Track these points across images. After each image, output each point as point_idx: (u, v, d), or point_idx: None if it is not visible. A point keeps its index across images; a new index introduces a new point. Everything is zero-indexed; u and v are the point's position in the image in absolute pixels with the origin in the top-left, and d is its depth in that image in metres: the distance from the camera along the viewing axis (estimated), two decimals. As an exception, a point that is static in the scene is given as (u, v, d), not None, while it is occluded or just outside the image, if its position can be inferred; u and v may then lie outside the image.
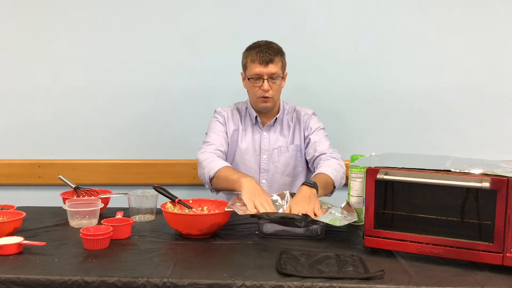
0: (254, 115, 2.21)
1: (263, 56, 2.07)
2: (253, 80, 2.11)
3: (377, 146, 2.48)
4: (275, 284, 1.30)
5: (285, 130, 2.24)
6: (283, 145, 2.22)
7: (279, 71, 2.10)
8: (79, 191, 2.08)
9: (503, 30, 2.55)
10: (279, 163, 2.21)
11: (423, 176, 1.46)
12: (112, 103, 2.61)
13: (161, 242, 1.65)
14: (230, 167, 2.05)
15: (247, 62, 2.13)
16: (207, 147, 2.15)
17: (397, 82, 2.59)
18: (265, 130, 2.23)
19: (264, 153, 2.21)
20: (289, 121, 2.25)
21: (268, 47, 2.10)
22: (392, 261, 1.48)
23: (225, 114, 2.24)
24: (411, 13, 2.55)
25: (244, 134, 2.23)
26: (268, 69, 2.08)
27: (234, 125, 2.23)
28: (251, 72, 2.10)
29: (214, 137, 2.18)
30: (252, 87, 2.13)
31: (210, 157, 2.09)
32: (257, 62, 2.08)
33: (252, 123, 2.24)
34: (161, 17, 2.57)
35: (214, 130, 2.21)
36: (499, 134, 2.59)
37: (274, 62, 2.08)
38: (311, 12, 2.57)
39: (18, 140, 2.63)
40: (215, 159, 2.07)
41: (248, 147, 2.21)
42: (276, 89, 2.12)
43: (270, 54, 2.08)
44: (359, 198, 1.89)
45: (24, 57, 2.59)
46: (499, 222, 1.38)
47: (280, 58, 2.12)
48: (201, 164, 2.10)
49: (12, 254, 1.50)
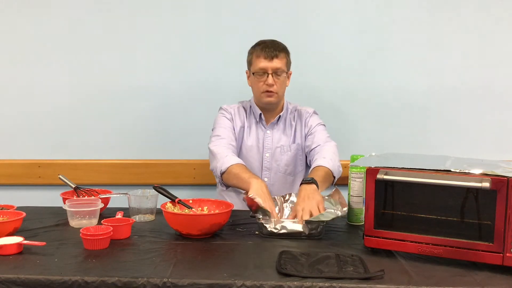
0: (258, 113, 2.21)
1: (268, 51, 2.09)
2: (258, 75, 2.11)
3: (377, 146, 2.49)
4: (275, 284, 1.30)
5: (287, 129, 2.24)
6: (285, 144, 2.22)
7: (283, 66, 2.11)
8: (79, 191, 2.08)
9: (503, 30, 2.55)
10: (281, 162, 2.21)
11: (423, 176, 1.46)
12: (112, 103, 2.61)
13: (161, 242, 1.65)
14: (243, 165, 2.03)
15: (252, 58, 2.14)
16: (219, 141, 2.13)
17: (397, 82, 2.59)
18: (269, 128, 2.23)
19: (267, 151, 2.21)
20: (291, 120, 2.25)
21: (274, 44, 2.13)
22: (392, 261, 1.48)
23: (231, 111, 2.24)
24: (412, 13, 2.56)
25: (249, 131, 2.23)
26: (273, 63, 2.08)
27: (241, 122, 2.23)
28: (256, 67, 2.11)
29: (224, 131, 2.17)
30: (256, 81, 2.13)
31: (224, 151, 2.07)
32: (262, 57, 2.09)
33: (256, 120, 2.24)
34: (161, 17, 2.57)
35: (223, 125, 2.19)
36: (499, 134, 2.60)
37: (279, 57, 2.10)
38: (311, 12, 2.57)
39: (18, 140, 2.63)
40: (229, 154, 2.06)
41: (252, 144, 2.22)
42: (280, 84, 2.13)
43: (275, 49, 2.10)
44: (359, 198, 1.89)
45: (24, 57, 2.58)
46: (499, 222, 1.38)
47: (285, 55, 2.13)
48: (215, 156, 2.07)
49: (12, 254, 1.50)
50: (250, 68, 2.16)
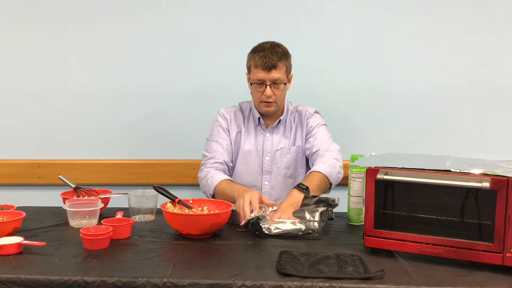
0: (257, 116, 2.19)
1: (266, 62, 2.03)
2: (256, 85, 2.08)
3: (377, 146, 2.48)
4: (275, 284, 1.30)
5: (287, 131, 2.21)
6: (285, 147, 2.19)
7: (282, 76, 2.07)
8: (79, 191, 2.08)
9: (503, 30, 2.55)
10: (281, 165, 2.19)
11: (423, 176, 1.46)
12: (112, 103, 2.61)
13: (161, 242, 1.65)
14: (226, 181, 2.04)
15: (250, 65, 2.09)
16: (206, 162, 2.15)
17: (397, 82, 2.59)
18: (268, 131, 2.20)
19: (266, 155, 2.19)
20: (292, 122, 2.22)
21: (272, 52, 2.05)
22: (392, 261, 1.48)
23: (227, 117, 2.22)
24: (412, 13, 2.55)
25: (247, 135, 2.21)
26: (271, 75, 2.04)
27: (237, 127, 2.21)
28: (254, 77, 2.08)
29: (213, 146, 2.17)
30: (255, 91, 2.11)
31: (208, 173, 2.09)
32: (260, 68, 2.04)
33: (255, 124, 2.21)
34: (162, 17, 2.56)
35: (214, 138, 2.19)
36: (499, 134, 2.59)
37: (277, 68, 2.04)
38: (311, 12, 2.56)
39: (18, 140, 2.63)
40: (213, 175, 2.07)
41: (251, 149, 2.19)
42: (279, 94, 2.09)
43: (274, 59, 2.03)
44: (359, 198, 1.89)
45: (24, 57, 2.58)
46: (499, 222, 1.38)
47: (284, 63, 2.08)
48: (201, 183, 2.12)
49: (12, 254, 1.50)
50: (249, 75, 2.13)
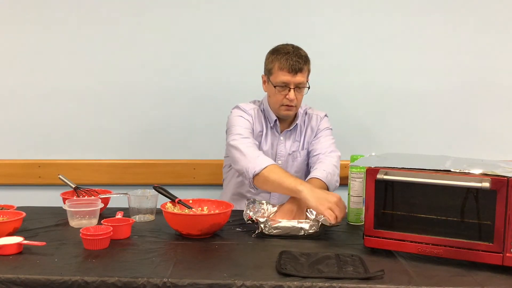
0: (274, 119, 2.12)
1: (293, 65, 1.97)
2: (279, 87, 2.01)
3: (377, 146, 2.49)
4: (275, 284, 1.30)
5: (298, 135, 2.18)
6: (296, 150, 2.17)
7: (305, 80, 2.03)
8: (79, 191, 2.08)
9: (502, 30, 2.55)
10: (292, 169, 2.15)
11: (423, 176, 1.46)
12: (112, 103, 2.60)
13: (161, 242, 1.65)
14: (277, 166, 1.91)
15: (273, 68, 2.02)
16: (243, 139, 1.99)
17: (397, 82, 2.58)
18: (282, 135, 2.15)
19: (279, 159, 2.15)
20: (302, 126, 2.19)
21: (298, 55, 2.00)
22: (392, 261, 1.48)
23: (252, 113, 2.11)
24: (411, 14, 2.55)
25: (266, 137, 2.15)
26: (296, 78, 1.99)
27: (260, 126, 2.13)
28: (277, 79, 2.01)
29: (246, 132, 2.04)
30: (277, 93, 2.03)
31: (254, 151, 1.96)
32: (285, 70, 1.98)
33: (270, 126, 2.15)
34: (163, 16, 2.56)
35: (243, 125, 2.06)
36: (498, 134, 2.59)
37: (302, 71, 1.99)
38: (311, 12, 2.56)
39: (18, 140, 2.62)
40: (260, 154, 1.94)
41: (267, 150, 2.13)
42: (300, 98, 2.06)
43: (300, 62, 1.98)
44: (359, 198, 1.89)
45: (24, 58, 2.58)
46: (499, 222, 1.38)
47: (308, 67, 2.04)
48: (245, 155, 1.93)
49: (12, 254, 1.50)
50: (270, 77, 2.05)
